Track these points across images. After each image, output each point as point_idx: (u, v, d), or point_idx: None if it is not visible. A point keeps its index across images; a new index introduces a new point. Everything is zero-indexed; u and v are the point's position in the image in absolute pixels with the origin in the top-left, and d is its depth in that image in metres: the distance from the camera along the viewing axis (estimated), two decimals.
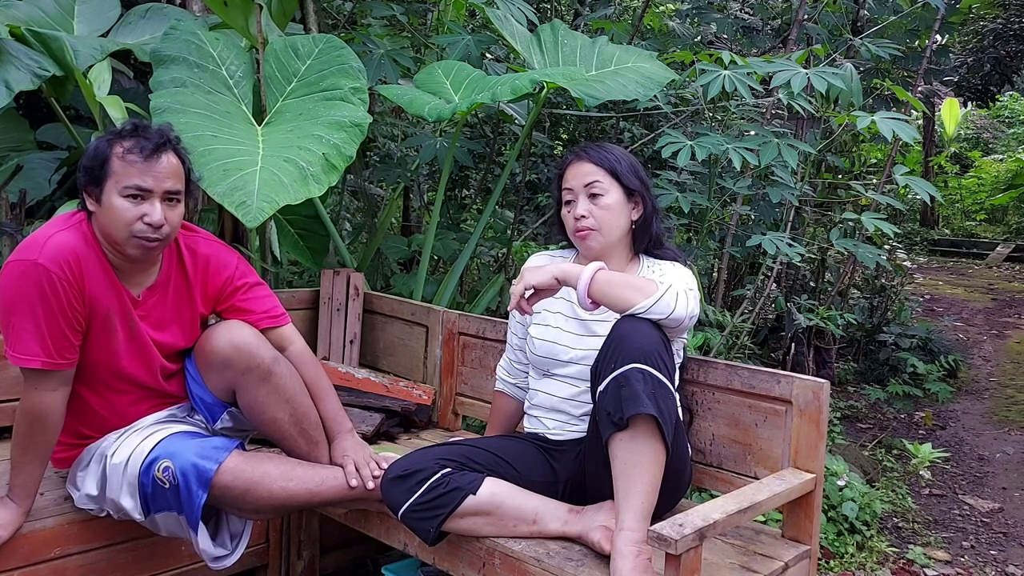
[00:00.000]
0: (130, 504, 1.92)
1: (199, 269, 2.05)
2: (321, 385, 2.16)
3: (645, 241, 2.06)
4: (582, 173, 2.02)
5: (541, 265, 1.94)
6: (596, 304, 1.85)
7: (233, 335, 2.00)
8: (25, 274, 1.80)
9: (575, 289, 1.85)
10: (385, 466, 2.01)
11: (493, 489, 1.88)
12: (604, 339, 1.84)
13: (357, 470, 2.06)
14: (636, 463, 1.72)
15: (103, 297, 1.90)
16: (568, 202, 2.05)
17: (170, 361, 2.07)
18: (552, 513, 1.90)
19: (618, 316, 1.85)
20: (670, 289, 1.80)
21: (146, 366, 2.01)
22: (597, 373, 1.80)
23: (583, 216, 2.00)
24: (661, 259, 2.06)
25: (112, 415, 2.00)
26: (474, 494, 1.86)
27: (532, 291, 1.91)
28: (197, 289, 2.05)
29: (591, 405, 1.96)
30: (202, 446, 1.93)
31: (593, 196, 2.00)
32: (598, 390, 1.78)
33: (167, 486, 1.87)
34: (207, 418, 2.10)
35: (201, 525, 1.91)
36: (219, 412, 2.10)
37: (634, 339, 1.75)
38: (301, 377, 2.09)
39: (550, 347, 2.05)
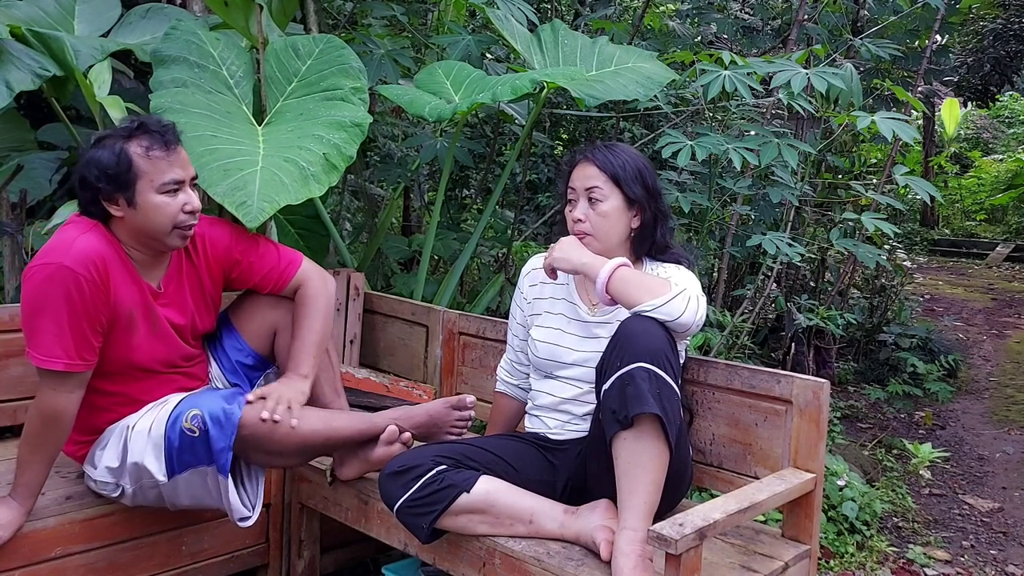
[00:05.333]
0: (154, 465, 1.92)
1: (199, 249, 2.10)
2: (301, 326, 2.13)
3: (646, 247, 2.06)
4: (585, 175, 2.02)
5: (571, 246, 1.97)
6: (614, 301, 1.87)
7: None
8: (52, 277, 1.81)
9: (593, 282, 1.88)
10: (296, 414, 1.99)
11: (488, 487, 1.88)
12: (608, 340, 1.85)
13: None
14: (639, 463, 1.73)
15: (127, 296, 1.93)
16: (571, 201, 2.06)
17: (190, 345, 2.11)
18: (548, 513, 1.90)
19: (621, 320, 1.86)
20: (682, 293, 1.81)
21: (172, 352, 2.06)
22: (602, 371, 1.80)
23: (580, 220, 2.01)
24: (665, 263, 2.06)
25: (133, 406, 2.02)
26: (468, 492, 1.86)
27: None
28: (203, 270, 2.11)
29: (593, 405, 1.96)
30: (225, 394, 1.97)
31: (592, 200, 2.01)
32: (603, 388, 1.78)
33: (196, 434, 1.88)
34: (244, 386, 2.17)
35: (229, 478, 1.92)
36: (257, 376, 2.20)
37: (640, 338, 1.76)
38: (296, 317, 2.15)
39: (552, 349, 2.05)
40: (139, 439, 1.94)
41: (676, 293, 1.81)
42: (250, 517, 2.01)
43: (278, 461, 2.14)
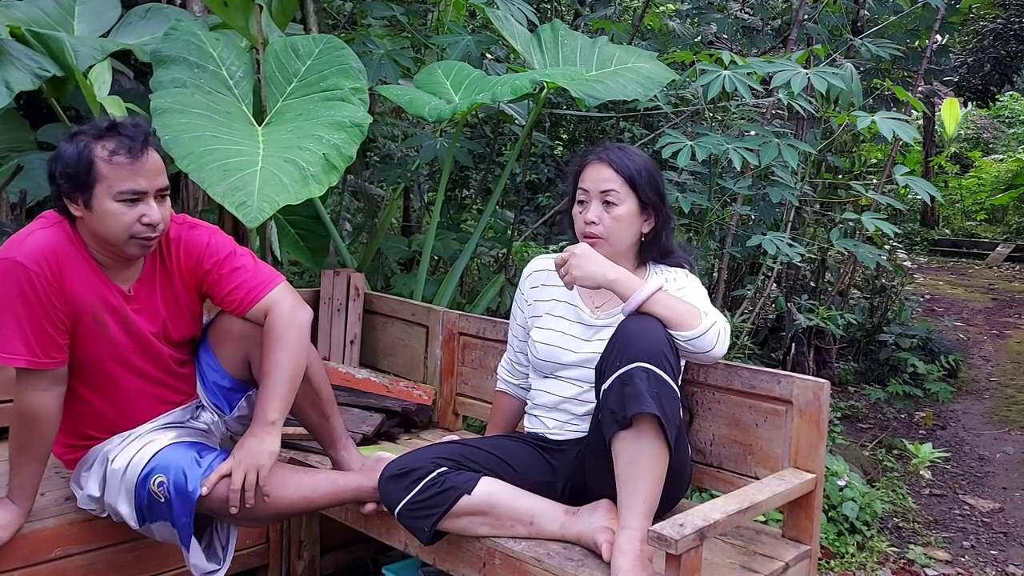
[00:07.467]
0: (126, 511, 1.91)
1: (173, 255, 2.00)
2: (268, 361, 1.92)
3: (653, 253, 2.05)
4: (600, 177, 1.99)
5: (590, 259, 1.88)
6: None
7: None
8: (5, 273, 1.78)
9: (622, 301, 1.84)
10: (263, 484, 1.88)
11: (489, 489, 1.88)
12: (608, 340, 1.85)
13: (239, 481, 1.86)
14: (639, 462, 1.73)
15: (87, 295, 1.87)
16: (581, 202, 2.03)
17: (178, 351, 2.06)
18: (549, 515, 1.90)
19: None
20: (713, 327, 1.80)
21: (152, 359, 1.99)
22: (601, 371, 1.80)
23: (593, 222, 1.98)
24: (670, 267, 2.05)
25: (116, 415, 1.99)
26: (469, 494, 1.86)
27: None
28: (176, 277, 2.01)
29: (593, 404, 1.96)
30: (197, 461, 1.90)
31: (607, 204, 1.99)
32: (602, 388, 1.78)
33: (162, 500, 1.87)
34: (223, 407, 2.08)
35: (193, 540, 1.90)
36: (236, 398, 2.09)
37: (639, 338, 1.76)
38: (262, 350, 1.95)
39: (552, 351, 2.05)
40: (115, 479, 1.92)
41: (708, 327, 1.79)
42: (217, 571, 1.97)
43: (251, 525, 2.09)
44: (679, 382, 1.86)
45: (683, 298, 1.88)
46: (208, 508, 1.88)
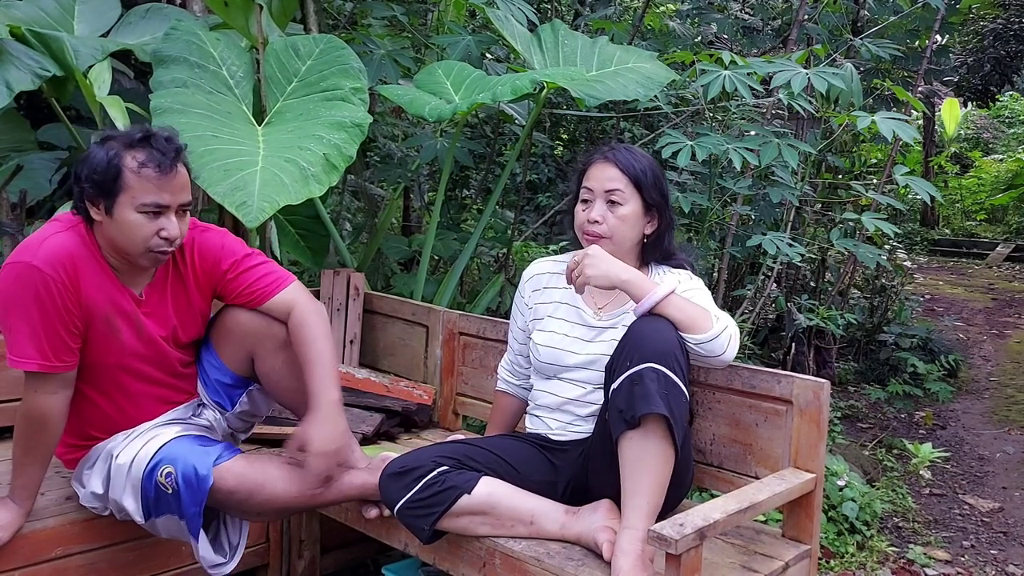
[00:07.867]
0: (132, 506, 1.92)
1: (187, 260, 2.02)
2: (310, 350, 1.96)
3: (655, 254, 2.06)
4: (606, 176, 2.00)
5: (604, 258, 1.88)
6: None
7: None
8: (20, 276, 1.79)
9: (635, 302, 1.85)
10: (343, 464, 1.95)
11: (489, 489, 1.88)
12: (612, 342, 1.85)
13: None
14: (644, 462, 1.73)
15: (101, 299, 1.88)
16: (585, 200, 2.03)
17: (185, 353, 2.07)
18: (549, 515, 1.90)
19: (626, 323, 1.86)
20: (724, 331, 1.82)
21: (159, 362, 2.01)
22: (612, 370, 1.80)
23: (596, 221, 1.98)
24: (672, 268, 2.05)
25: (120, 415, 1.99)
26: (469, 493, 1.86)
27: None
28: (190, 281, 2.03)
29: (597, 405, 1.97)
30: (205, 451, 1.92)
31: (611, 203, 1.99)
32: (612, 387, 1.78)
33: (170, 491, 1.87)
34: (225, 404, 2.10)
35: (201, 532, 1.90)
36: (238, 394, 2.11)
37: (651, 339, 1.76)
38: (296, 343, 1.99)
39: (554, 353, 2.04)
40: (120, 475, 1.92)
41: (720, 331, 1.81)
42: (225, 564, 1.98)
43: (257, 519, 2.12)
44: (688, 384, 1.86)
45: (690, 300, 1.88)
46: (215, 500, 1.89)
